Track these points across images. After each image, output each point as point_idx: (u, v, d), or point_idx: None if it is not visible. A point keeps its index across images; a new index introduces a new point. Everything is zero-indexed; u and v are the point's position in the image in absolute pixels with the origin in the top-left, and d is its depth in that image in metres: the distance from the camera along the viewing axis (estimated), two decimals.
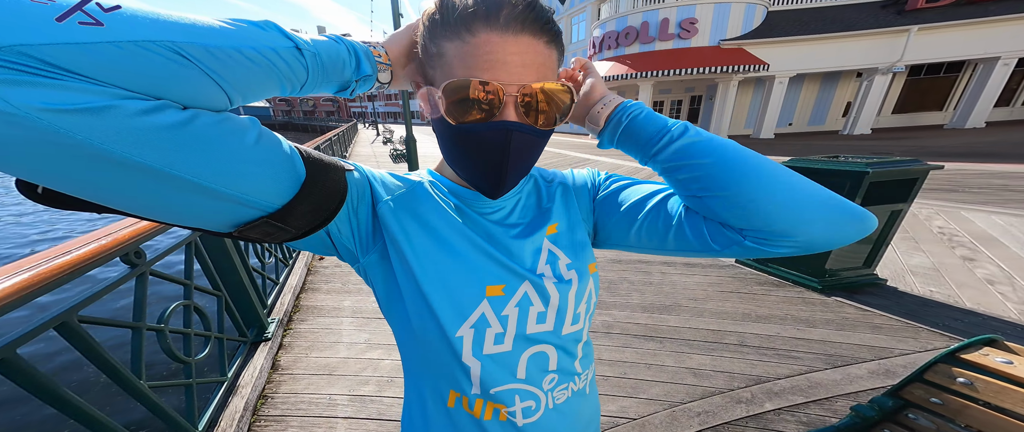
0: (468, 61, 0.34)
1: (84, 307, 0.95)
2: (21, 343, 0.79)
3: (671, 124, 0.42)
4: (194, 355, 1.36)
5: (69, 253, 0.93)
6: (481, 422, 0.43)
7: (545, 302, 0.44)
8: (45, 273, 0.82)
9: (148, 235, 1.21)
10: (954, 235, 3.19)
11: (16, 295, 0.75)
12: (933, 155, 7.43)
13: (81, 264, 0.93)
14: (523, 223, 0.48)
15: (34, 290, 0.79)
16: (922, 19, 11.87)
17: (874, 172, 2.08)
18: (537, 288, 0.44)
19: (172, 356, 1.26)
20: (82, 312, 0.95)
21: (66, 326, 0.91)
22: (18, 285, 0.76)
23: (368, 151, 13.15)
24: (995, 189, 4.54)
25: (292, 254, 2.87)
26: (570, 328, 0.46)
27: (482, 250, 0.43)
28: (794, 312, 2.18)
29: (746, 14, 12.99)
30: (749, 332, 2.00)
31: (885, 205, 2.25)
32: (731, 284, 2.56)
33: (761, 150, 2.39)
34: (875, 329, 1.97)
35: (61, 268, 0.87)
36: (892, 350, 1.79)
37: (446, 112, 0.36)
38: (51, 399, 0.85)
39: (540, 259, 0.46)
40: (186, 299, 1.39)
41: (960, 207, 3.86)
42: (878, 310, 2.14)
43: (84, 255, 0.95)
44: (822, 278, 2.42)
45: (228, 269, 1.71)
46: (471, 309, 0.41)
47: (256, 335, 1.85)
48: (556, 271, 0.46)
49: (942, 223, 3.47)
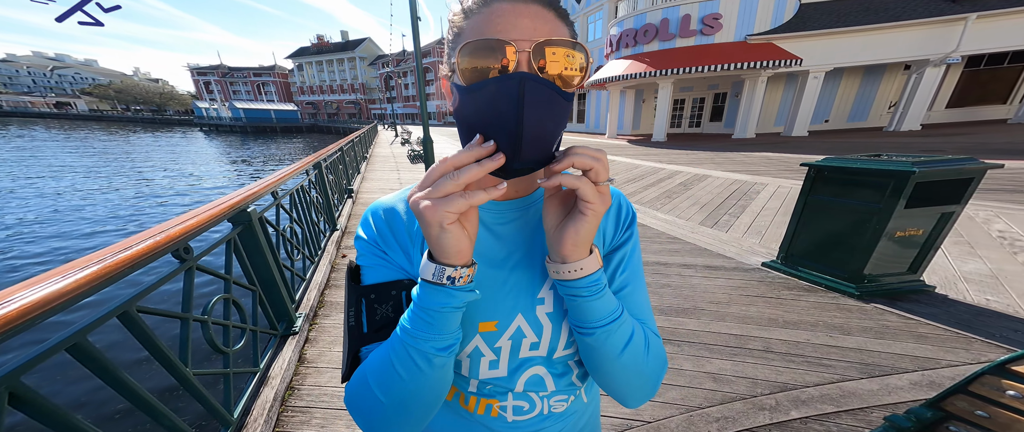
0: (481, 27, 0.35)
1: (142, 298, 1.05)
2: (90, 330, 0.88)
3: (607, 319, 0.41)
4: (232, 346, 1.45)
5: (130, 248, 1.02)
6: (474, 416, 0.48)
7: (538, 333, 0.45)
8: (111, 266, 0.91)
9: (194, 232, 1.30)
10: (1017, 239, 2.90)
11: (88, 286, 0.85)
12: (994, 153, 6.78)
13: (141, 258, 1.03)
14: (529, 245, 0.46)
15: (102, 281, 0.89)
16: (981, 6, 10.85)
17: (921, 172, 1.94)
18: (530, 321, 0.44)
19: (213, 346, 1.35)
20: (140, 303, 1.04)
21: (127, 315, 1.00)
22: (90, 276, 0.86)
23: (387, 152, 13.46)
24: None
25: (317, 251, 3.00)
26: (563, 352, 0.46)
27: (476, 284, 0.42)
28: (827, 318, 2.06)
29: (775, 8, 12.38)
30: (775, 338, 1.91)
31: (934, 207, 2.09)
32: (757, 288, 2.46)
33: (793, 148, 2.28)
34: (920, 338, 1.83)
35: (124, 261, 0.96)
36: (938, 361, 1.66)
37: (462, 76, 0.36)
38: (113, 382, 0.94)
39: (543, 286, 0.45)
40: (226, 293, 1.49)
41: None
42: (924, 318, 1.99)
43: (143, 250, 1.04)
44: (860, 284, 2.28)
45: (262, 265, 1.81)
46: (463, 345, 0.44)
47: (285, 328, 1.95)
48: (556, 299, 0.45)
49: (1003, 226, 3.16)
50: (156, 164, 16.69)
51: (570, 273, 0.39)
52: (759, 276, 2.63)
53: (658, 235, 3.52)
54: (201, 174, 14.26)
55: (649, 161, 8.58)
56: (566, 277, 0.39)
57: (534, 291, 0.44)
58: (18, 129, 45.33)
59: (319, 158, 3.45)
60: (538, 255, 0.46)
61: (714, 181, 5.89)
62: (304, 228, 2.73)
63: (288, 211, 2.46)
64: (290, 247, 2.36)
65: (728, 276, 2.65)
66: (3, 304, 0.69)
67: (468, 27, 0.37)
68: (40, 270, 4.95)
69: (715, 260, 2.92)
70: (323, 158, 3.66)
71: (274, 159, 20.33)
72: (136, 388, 0.98)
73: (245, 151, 24.18)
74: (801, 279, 2.54)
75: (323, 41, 68.33)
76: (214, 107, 56.50)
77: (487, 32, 0.35)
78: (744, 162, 7.74)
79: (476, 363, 0.45)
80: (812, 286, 2.44)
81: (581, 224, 0.37)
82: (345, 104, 69.58)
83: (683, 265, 2.84)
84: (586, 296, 0.39)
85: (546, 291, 0.45)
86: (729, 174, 6.35)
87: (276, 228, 2.15)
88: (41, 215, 8.15)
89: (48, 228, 7.23)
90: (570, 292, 0.40)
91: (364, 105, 68.96)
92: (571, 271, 0.39)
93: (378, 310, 0.42)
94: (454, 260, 0.36)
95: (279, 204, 2.27)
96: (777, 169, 6.68)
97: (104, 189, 10.98)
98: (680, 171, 6.98)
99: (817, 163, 2.41)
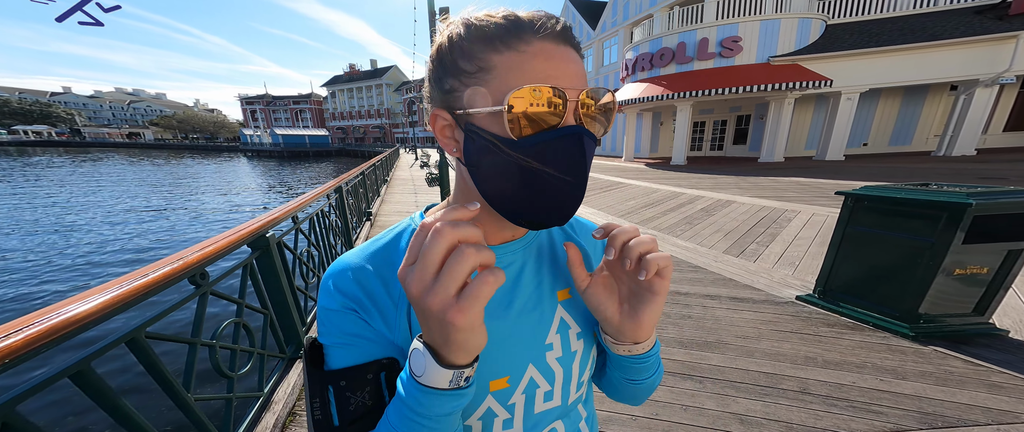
0: (527, 69, 0.31)
1: (151, 324, 1.06)
2: (95, 357, 0.88)
3: (657, 364, 0.44)
4: (238, 370, 1.44)
5: (147, 276, 1.05)
6: None
7: (551, 381, 0.42)
8: (126, 294, 0.94)
9: (212, 258, 1.33)
10: None
11: (99, 314, 0.86)
12: None
13: (156, 285, 1.05)
14: (535, 286, 0.43)
15: (116, 308, 0.91)
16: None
17: (978, 204, 1.76)
18: (542, 370, 0.41)
19: (218, 371, 1.34)
20: (149, 329, 1.05)
21: (135, 342, 1.01)
22: (108, 302, 0.88)
23: (406, 174, 13.84)
24: None
25: None
26: (575, 395, 0.45)
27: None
28: (876, 360, 1.83)
29: (800, 29, 12.19)
30: (813, 378, 1.71)
31: (999, 243, 1.87)
32: (791, 323, 2.24)
33: (828, 173, 2.16)
34: (993, 388, 1.58)
35: (139, 290, 0.99)
36: (1019, 415, 1.41)
37: (510, 127, 0.31)
38: (112, 410, 0.93)
39: (550, 329, 0.42)
40: (238, 317, 1.50)
41: None
42: (997, 365, 1.72)
43: (159, 278, 1.07)
44: (915, 323, 2.03)
45: (276, 288, 1.83)
46: (474, 407, 0.39)
47: (293, 351, 1.94)
48: (565, 342, 0.42)
49: None
50: (199, 188, 18.01)
51: (642, 349, 0.40)
52: (793, 310, 2.41)
53: (678, 263, 3.34)
54: (232, 198, 15.24)
55: (668, 185, 8.35)
56: (636, 352, 0.40)
57: (542, 337, 0.41)
58: (96, 155, 51.38)
59: (340, 183, 3.60)
60: (545, 297, 0.43)
61: (739, 207, 5.61)
62: (321, 251, 2.80)
63: (306, 235, 2.53)
64: (306, 270, 2.41)
65: (757, 309, 2.44)
66: (20, 330, 0.71)
67: (502, 65, 0.31)
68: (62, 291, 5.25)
69: (742, 291, 2.71)
70: (345, 182, 3.81)
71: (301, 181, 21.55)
72: (136, 418, 0.97)
73: (278, 174, 25.75)
74: (843, 315, 2.30)
75: (354, 69, 73.19)
76: (257, 134, 61.20)
77: (536, 75, 0.31)
78: (773, 187, 7.37)
79: (489, 425, 0.40)
80: (857, 324, 2.19)
81: (656, 306, 0.37)
82: (371, 129, 73.58)
83: (706, 295, 2.66)
84: (651, 360, 0.42)
85: (553, 335, 0.42)
86: (756, 200, 6.05)
87: (293, 252, 2.20)
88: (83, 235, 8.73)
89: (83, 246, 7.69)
90: (637, 363, 0.41)
91: (388, 129, 72.57)
92: (643, 348, 0.40)
93: (351, 399, 0.34)
94: (472, 358, 0.31)
95: (298, 229, 2.34)
96: (811, 195, 6.30)
97: (141, 210, 11.86)
98: (702, 196, 6.73)
99: (854, 192, 2.24)
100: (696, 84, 12.52)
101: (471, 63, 0.32)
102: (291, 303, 1.92)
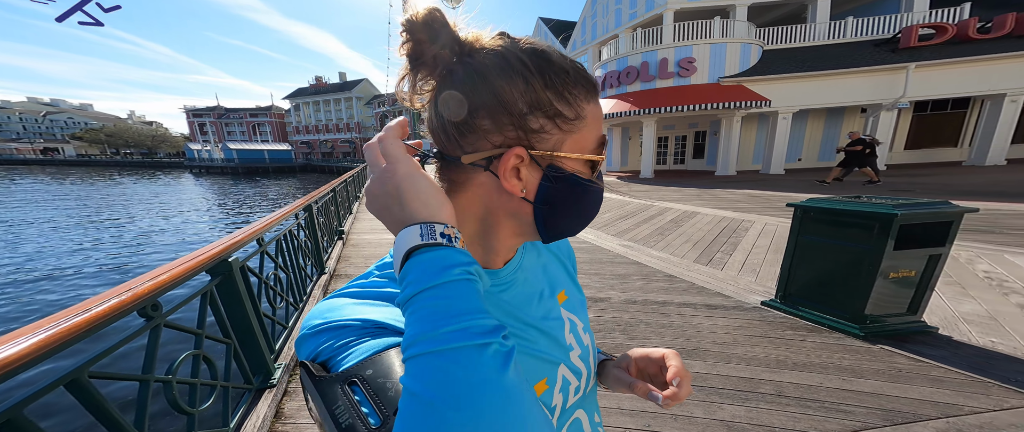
0: (600, 121, 0.37)
1: (95, 363, 0.94)
2: (29, 402, 0.77)
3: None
4: (199, 405, 1.31)
5: (89, 311, 0.93)
6: None
7: (578, 376, 0.45)
8: (63, 332, 0.82)
9: (166, 288, 1.21)
10: (1004, 280, 2.95)
11: (33, 355, 0.74)
12: (959, 194, 7.18)
13: (99, 321, 0.93)
14: (538, 293, 0.45)
15: (51, 349, 0.79)
16: (918, 57, 12.15)
17: (903, 214, 2.01)
18: (570, 368, 0.44)
19: (176, 408, 1.21)
20: (92, 369, 0.94)
21: (76, 383, 0.89)
22: (36, 345, 0.76)
23: None
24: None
25: (303, 297, 2.85)
26: (591, 384, 0.48)
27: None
28: (836, 360, 1.99)
29: (742, 53, 13.62)
30: (787, 381, 1.82)
31: (922, 249, 2.14)
32: (759, 328, 2.39)
33: (773, 185, 2.46)
34: (936, 382, 1.76)
35: (79, 326, 0.87)
36: (961, 407, 1.58)
37: (591, 170, 0.37)
38: None
39: (564, 330, 0.45)
40: (197, 348, 1.36)
41: (1002, 250, 3.62)
42: (935, 361, 1.94)
43: (103, 312, 0.95)
44: (863, 324, 2.24)
45: (240, 316, 1.70)
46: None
47: (262, 382, 1.80)
48: (578, 340, 0.46)
49: (987, 267, 3.24)
50: (134, 210, 16.21)
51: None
52: (760, 315, 2.58)
53: (655, 273, 3.48)
54: (176, 219, 13.82)
55: (639, 198, 8.77)
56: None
57: (562, 338, 0.44)
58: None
59: (310, 201, 3.40)
60: (552, 301, 0.46)
61: (703, 218, 6.00)
62: (290, 274, 2.61)
63: (273, 257, 2.35)
64: (273, 295, 2.23)
65: (729, 315, 2.58)
66: None
67: (591, 116, 0.36)
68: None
69: (714, 299, 2.86)
70: (315, 200, 3.61)
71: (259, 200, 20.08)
72: None
73: (233, 192, 23.83)
74: (803, 319, 2.49)
75: (321, 82, 70.74)
76: (206, 148, 56.89)
77: (600, 128, 0.37)
78: (729, 199, 7.98)
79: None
80: (815, 326, 2.38)
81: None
82: (340, 143, 70.97)
83: (683, 304, 2.78)
84: None
85: (568, 335, 0.45)
86: (717, 211, 6.51)
87: (259, 276, 2.05)
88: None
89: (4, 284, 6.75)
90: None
91: (359, 143, 70.34)
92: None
93: (390, 386, 0.27)
94: (440, 214, 0.30)
95: (264, 251, 2.19)
96: (762, 206, 6.89)
97: (70, 239, 10.50)
98: (670, 208, 7.13)
99: (802, 204, 2.48)
100: (659, 101, 13.49)
101: (572, 109, 0.34)
102: (257, 331, 1.78)
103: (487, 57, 0.33)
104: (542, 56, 0.33)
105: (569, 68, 0.34)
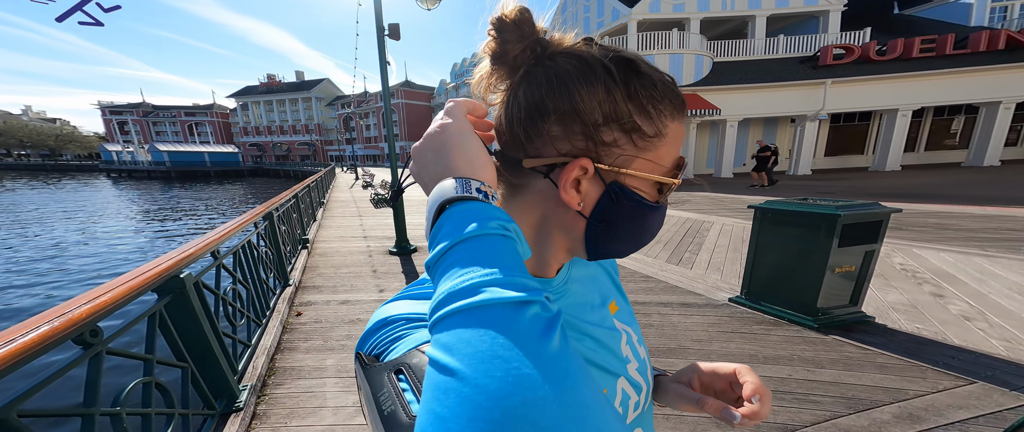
0: (679, 141, 0.34)
1: (26, 399, 0.82)
2: None
3: None
4: None
5: (13, 341, 0.77)
6: None
7: (638, 391, 0.42)
8: None
9: (107, 311, 1.07)
10: (916, 272, 3.43)
11: None
12: (868, 195, 8.33)
13: (27, 352, 0.79)
14: (590, 304, 0.43)
15: None
16: (833, 74, 14.03)
17: (845, 215, 2.26)
18: (630, 381, 0.41)
19: None
20: (23, 406, 0.81)
21: (5, 424, 0.78)
22: None
23: (346, 196, 12.72)
24: (932, 227, 5.05)
25: (266, 312, 2.60)
26: (648, 401, 0.45)
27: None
28: (799, 352, 2.17)
29: (697, 64, 14.81)
30: (761, 375, 1.93)
31: (859, 246, 2.41)
32: (730, 324, 2.56)
33: (724, 188, 2.59)
34: (882, 369, 1.98)
35: (3, 359, 0.72)
36: (907, 391, 1.79)
37: (656, 191, 0.34)
38: None
39: (620, 341, 0.43)
40: (147, 375, 1.23)
41: (911, 245, 4.22)
42: (877, 349, 2.18)
43: (31, 342, 0.81)
44: (816, 316, 2.48)
45: (195, 336, 1.54)
46: None
47: (226, 406, 1.66)
48: (634, 352, 0.44)
49: (902, 260, 3.75)
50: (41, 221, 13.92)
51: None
52: (729, 312, 2.76)
53: (632, 274, 3.61)
54: (94, 227, 12.11)
55: None
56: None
57: (618, 350, 0.42)
58: None
59: (270, 208, 3.09)
60: (604, 311, 0.43)
61: (671, 219, 6.37)
62: (251, 287, 2.36)
63: (231, 271, 2.11)
64: (233, 311, 2.01)
65: (702, 313, 2.73)
66: None
67: (672, 135, 0.33)
68: None
69: (688, 297, 3.02)
70: (275, 207, 3.29)
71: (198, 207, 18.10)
72: None
73: (163, 200, 21.08)
74: (766, 314, 2.70)
75: (274, 80, 65.99)
76: (128, 150, 50.53)
77: (679, 148, 0.35)
78: (690, 200, 8.57)
79: None
80: (777, 320, 2.59)
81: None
82: (297, 145, 66.39)
83: (660, 303, 2.90)
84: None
85: (624, 347, 0.42)
86: (681, 213, 6.94)
87: (216, 292, 1.85)
88: None
89: None
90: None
91: (320, 146, 66.32)
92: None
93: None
94: (480, 173, 0.30)
95: (220, 265, 1.95)
96: (719, 208, 7.47)
97: None
98: None
99: (761, 206, 2.71)
100: None
101: (652, 125, 0.32)
102: (217, 351, 1.62)
103: (568, 61, 0.31)
104: (629, 65, 0.31)
105: (658, 81, 0.32)
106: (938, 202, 6.94)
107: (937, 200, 7.18)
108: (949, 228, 5.00)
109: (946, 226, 5.13)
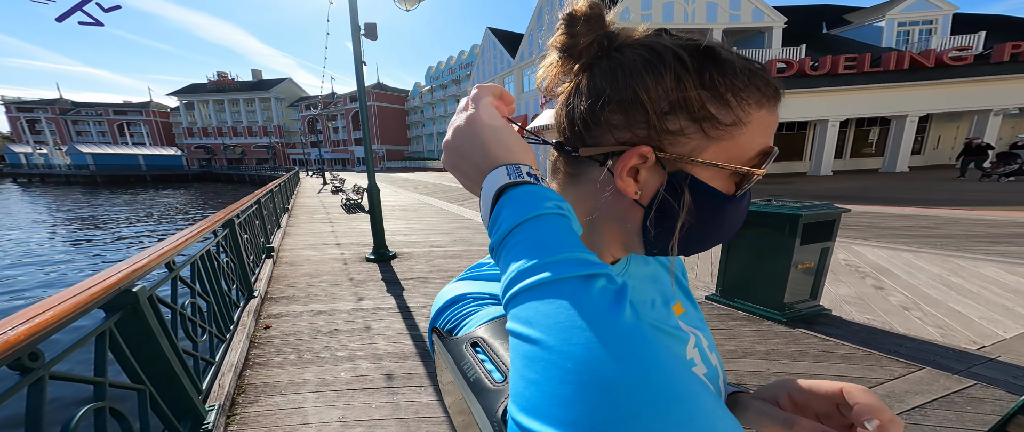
0: (767, 131, 0.32)
1: None
2: None
3: None
4: None
5: None
6: None
7: (714, 381, 0.41)
8: None
9: (48, 332, 0.94)
10: (858, 267, 3.82)
11: None
12: (808, 197, 9.22)
13: None
14: (650, 302, 0.42)
15: None
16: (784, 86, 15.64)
17: (805, 215, 2.47)
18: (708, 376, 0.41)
19: None
20: None
21: None
22: None
23: (313, 202, 11.95)
24: (865, 227, 5.68)
25: (230, 326, 2.38)
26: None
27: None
28: (773, 346, 2.32)
29: None
30: (743, 370, 2.06)
31: (817, 243, 2.64)
32: (710, 320, 2.68)
33: None
34: (845, 360, 2.16)
35: None
36: (869, 380, 1.96)
37: (735, 181, 0.32)
38: None
39: (686, 344, 0.41)
40: (99, 400, 1.09)
41: (851, 242, 4.71)
42: (838, 340, 2.38)
43: None
44: (783, 311, 2.66)
45: (152, 355, 1.40)
46: None
47: (192, 428, 1.53)
48: (705, 357, 0.41)
49: (845, 256, 4.16)
50: None
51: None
52: (707, 308, 2.89)
53: None
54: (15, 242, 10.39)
55: None
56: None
57: (683, 352, 0.40)
58: None
59: (231, 214, 2.81)
60: (667, 310, 0.42)
61: None
62: (212, 300, 2.13)
63: (189, 284, 1.89)
64: (193, 326, 1.81)
65: None
66: None
67: (756, 123, 0.31)
68: None
69: None
70: (236, 214, 3.00)
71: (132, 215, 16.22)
72: None
73: (88, 209, 18.52)
74: (740, 310, 2.87)
75: (226, 78, 61.06)
76: (41, 151, 44.38)
77: (768, 139, 0.32)
78: None
79: None
80: (750, 316, 2.76)
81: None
82: (254, 148, 61.61)
83: None
84: None
85: (692, 349, 0.41)
86: None
87: (173, 307, 1.68)
88: None
89: None
90: None
91: (281, 150, 61.96)
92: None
93: (507, 349, 0.26)
94: (524, 158, 0.30)
95: (177, 277, 1.75)
96: None
97: None
98: None
99: None
100: None
101: (730, 113, 0.30)
102: (178, 370, 1.47)
103: (636, 51, 0.31)
104: (706, 53, 0.30)
105: (741, 68, 0.30)
106: (866, 203, 7.85)
107: (865, 202, 8.11)
108: (877, 227, 5.65)
109: (875, 225, 5.79)
